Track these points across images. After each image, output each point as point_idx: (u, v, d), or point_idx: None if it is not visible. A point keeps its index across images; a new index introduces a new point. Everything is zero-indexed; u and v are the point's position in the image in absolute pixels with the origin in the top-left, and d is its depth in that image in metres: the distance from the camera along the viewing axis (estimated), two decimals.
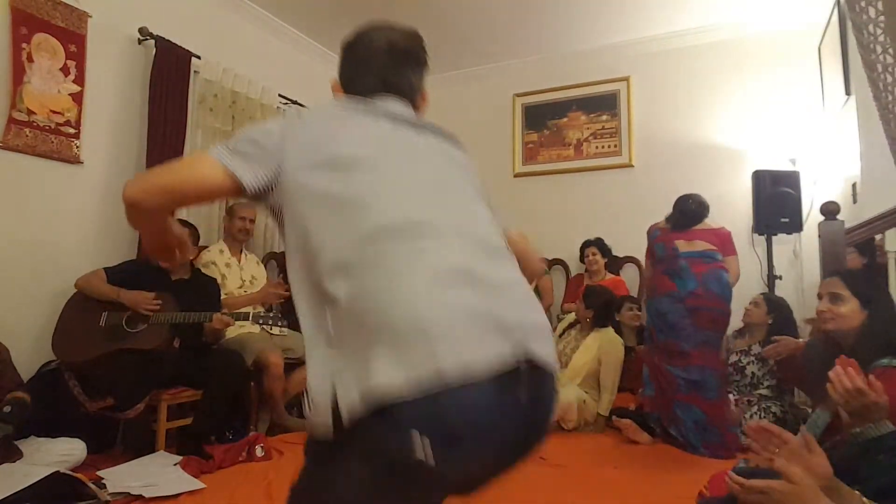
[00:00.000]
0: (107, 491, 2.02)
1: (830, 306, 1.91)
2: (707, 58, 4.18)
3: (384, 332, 0.74)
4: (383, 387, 0.70)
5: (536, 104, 4.82)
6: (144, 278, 2.74)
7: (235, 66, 3.63)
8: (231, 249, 3.29)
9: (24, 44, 2.66)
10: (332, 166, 0.87)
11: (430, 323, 0.74)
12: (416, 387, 0.70)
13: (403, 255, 0.80)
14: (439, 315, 0.75)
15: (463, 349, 0.73)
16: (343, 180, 0.86)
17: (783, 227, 3.59)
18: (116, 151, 3.11)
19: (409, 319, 0.74)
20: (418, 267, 0.79)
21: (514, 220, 4.33)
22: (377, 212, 0.83)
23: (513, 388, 0.76)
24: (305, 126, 0.94)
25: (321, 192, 0.86)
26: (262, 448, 2.61)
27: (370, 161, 0.89)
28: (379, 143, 0.94)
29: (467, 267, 0.81)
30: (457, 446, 0.73)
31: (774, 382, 2.99)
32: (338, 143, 0.90)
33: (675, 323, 2.80)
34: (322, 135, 0.92)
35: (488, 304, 0.79)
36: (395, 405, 0.70)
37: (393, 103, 1.04)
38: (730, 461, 2.55)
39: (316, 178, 0.87)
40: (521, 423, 0.79)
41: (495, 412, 0.75)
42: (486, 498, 2.28)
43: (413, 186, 0.90)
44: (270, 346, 3.04)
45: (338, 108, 1.02)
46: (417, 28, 1.18)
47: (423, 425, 0.71)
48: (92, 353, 2.52)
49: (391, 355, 0.72)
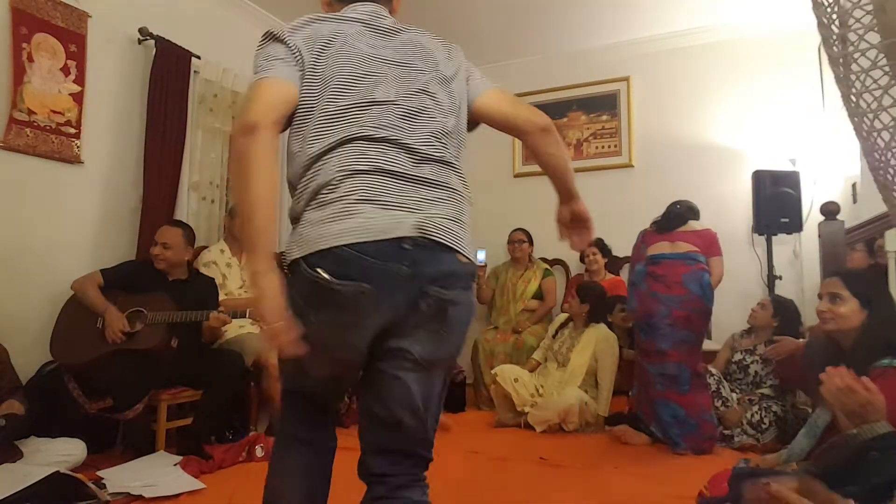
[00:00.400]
0: (107, 491, 2.02)
1: (830, 306, 1.91)
2: (707, 58, 4.18)
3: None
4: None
5: (536, 104, 4.79)
6: (142, 279, 2.74)
7: (235, 66, 3.63)
8: (232, 249, 3.29)
9: (24, 44, 2.66)
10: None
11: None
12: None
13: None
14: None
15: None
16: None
17: (783, 227, 3.59)
18: (117, 151, 3.11)
19: None
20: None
21: (515, 220, 4.35)
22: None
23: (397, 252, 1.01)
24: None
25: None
26: (262, 448, 2.61)
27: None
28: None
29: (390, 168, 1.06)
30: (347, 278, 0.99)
31: (777, 382, 2.99)
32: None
33: (654, 324, 2.85)
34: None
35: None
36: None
37: (373, 7, 1.19)
38: (720, 458, 2.56)
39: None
40: (401, 277, 1.01)
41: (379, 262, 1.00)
42: (487, 498, 2.28)
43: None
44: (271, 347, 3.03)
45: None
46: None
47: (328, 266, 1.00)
48: (89, 354, 2.51)
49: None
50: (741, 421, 2.88)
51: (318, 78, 1.09)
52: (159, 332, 2.59)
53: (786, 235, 3.70)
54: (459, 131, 1.21)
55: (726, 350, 3.24)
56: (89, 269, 2.73)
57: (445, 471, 1.99)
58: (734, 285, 3.52)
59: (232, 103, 3.60)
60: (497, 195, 4.86)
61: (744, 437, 2.86)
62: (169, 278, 2.80)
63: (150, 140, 3.15)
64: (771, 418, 2.86)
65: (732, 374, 3.13)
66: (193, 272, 2.94)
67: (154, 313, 2.59)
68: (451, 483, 2.32)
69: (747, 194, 3.77)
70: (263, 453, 2.60)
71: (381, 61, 1.12)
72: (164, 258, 2.75)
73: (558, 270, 4.48)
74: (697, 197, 3.86)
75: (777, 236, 3.71)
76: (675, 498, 2.10)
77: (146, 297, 2.65)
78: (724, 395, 2.98)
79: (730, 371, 3.14)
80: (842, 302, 1.89)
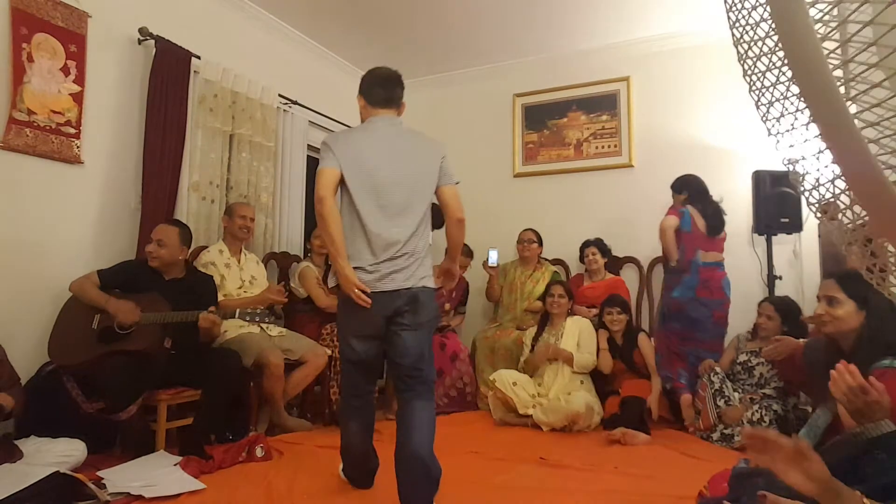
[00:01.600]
0: (107, 491, 2.03)
1: (828, 309, 1.91)
2: (707, 58, 4.18)
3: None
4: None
5: (536, 104, 4.83)
6: (139, 279, 2.74)
7: (235, 66, 3.63)
8: (230, 249, 3.29)
9: (24, 44, 2.66)
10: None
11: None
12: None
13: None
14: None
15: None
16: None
17: (783, 227, 3.59)
18: (116, 151, 3.11)
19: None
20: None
21: (515, 220, 4.38)
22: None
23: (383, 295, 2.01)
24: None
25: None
26: (262, 448, 2.61)
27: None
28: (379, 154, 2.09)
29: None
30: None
31: (781, 384, 2.99)
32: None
33: (695, 320, 3.33)
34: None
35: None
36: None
37: (386, 116, 2.15)
38: (720, 458, 2.56)
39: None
40: (385, 306, 2.00)
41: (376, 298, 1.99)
42: (487, 498, 2.29)
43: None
44: (270, 347, 3.03)
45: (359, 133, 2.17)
46: (418, 28, 1.26)
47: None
48: (84, 355, 2.51)
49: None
50: (741, 419, 2.89)
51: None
52: (151, 333, 2.58)
53: (786, 235, 3.71)
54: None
55: (731, 351, 3.24)
56: (88, 270, 2.73)
57: (446, 471, 1.99)
58: (734, 285, 3.51)
59: (232, 103, 3.60)
60: (497, 195, 4.87)
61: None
62: (165, 277, 2.80)
63: (150, 140, 3.14)
64: (771, 416, 2.87)
65: (737, 375, 3.13)
66: (191, 270, 2.94)
67: (146, 314, 2.59)
68: (451, 483, 2.32)
69: (747, 194, 3.78)
70: (263, 453, 2.61)
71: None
72: (158, 256, 2.74)
73: (558, 270, 4.49)
74: None
75: (777, 236, 3.71)
76: (675, 498, 2.11)
77: (139, 297, 2.65)
78: (726, 393, 2.98)
79: (735, 372, 3.15)
80: (839, 304, 1.89)
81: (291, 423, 3.13)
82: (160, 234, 2.77)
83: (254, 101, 3.74)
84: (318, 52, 4.53)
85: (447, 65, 4.94)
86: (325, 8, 3.94)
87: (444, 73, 5.10)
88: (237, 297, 3.20)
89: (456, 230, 2.15)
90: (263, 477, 2.36)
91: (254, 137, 3.73)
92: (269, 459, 2.60)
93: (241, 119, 3.65)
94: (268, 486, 2.24)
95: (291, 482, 2.29)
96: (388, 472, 1.98)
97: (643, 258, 4.25)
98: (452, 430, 3.26)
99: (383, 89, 2.12)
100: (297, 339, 3.31)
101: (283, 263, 3.91)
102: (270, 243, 3.90)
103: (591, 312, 3.87)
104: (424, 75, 5.10)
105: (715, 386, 3.00)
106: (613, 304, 3.51)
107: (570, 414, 3.14)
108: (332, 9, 3.94)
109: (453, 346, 3.91)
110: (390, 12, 3.98)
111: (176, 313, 2.60)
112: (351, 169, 2.01)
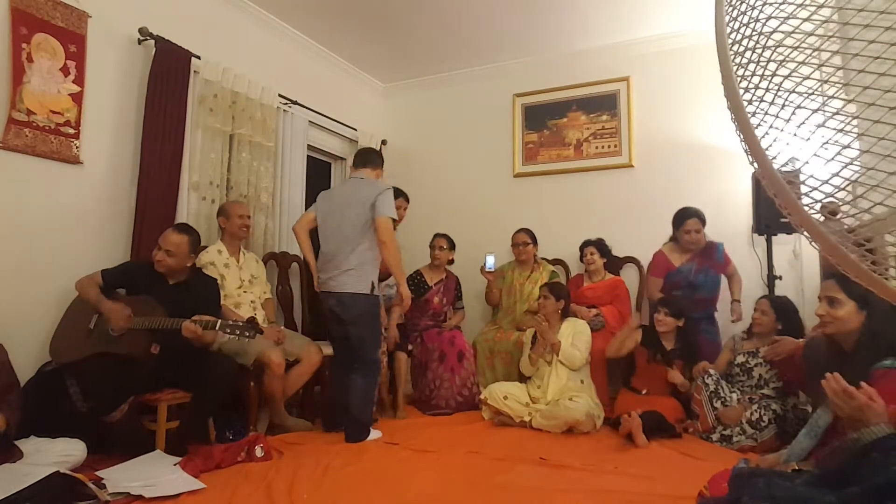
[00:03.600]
0: (107, 491, 2.02)
1: (829, 309, 1.91)
2: (707, 58, 4.13)
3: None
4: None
5: (536, 104, 4.83)
6: (141, 281, 2.73)
7: (235, 66, 3.63)
8: (229, 249, 3.29)
9: (24, 44, 2.66)
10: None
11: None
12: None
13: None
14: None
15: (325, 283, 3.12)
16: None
17: (783, 227, 3.58)
18: (116, 151, 3.11)
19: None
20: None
21: (515, 219, 4.41)
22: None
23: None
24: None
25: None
26: (261, 448, 2.61)
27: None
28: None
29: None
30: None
31: (780, 385, 2.99)
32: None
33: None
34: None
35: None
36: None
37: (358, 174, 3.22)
38: (720, 458, 2.55)
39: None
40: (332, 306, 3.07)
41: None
42: (487, 498, 2.29)
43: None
44: (271, 346, 3.03)
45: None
46: (418, 28, 1.27)
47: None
48: (76, 354, 2.51)
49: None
50: (740, 420, 2.88)
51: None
52: (138, 339, 2.57)
53: (786, 235, 3.70)
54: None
55: (726, 352, 3.22)
56: (88, 270, 2.73)
57: (446, 471, 1.99)
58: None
59: (232, 103, 3.60)
60: (497, 195, 4.87)
61: (742, 437, 2.87)
62: (169, 281, 2.79)
63: (150, 140, 3.14)
64: (770, 416, 2.86)
65: (736, 376, 3.11)
66: (195, 273, 2.93)
67: (137, 318, 2.58)
68: (451, 483, 2.32)
69: (747, 194, 3.77)
70: (263, 453, 2.60)
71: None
72: (166, 265, 2.74)
73: (558, 270, 4.48)
74: (697, 197, 3.88)
75: (777, 236, 3.71)
76: (675, 498, 2.10)
77: (134, 299, 2.64)
78: (722, 395, 2.97)
79: (733, 373, 3.13)
80: (839, 305, 1.89)
81: (291, 423, 3.12)
82: (169, 245, 2.74)
83: (254, 101, 3.74)
84: (318, 52, 4.53)
85: (447, 65, 4.94)
86: (325, 8, 3.94)
87: (444, 73, 5.09)
88: (237, 296, 3.20)
89: (383, 250, 3.01)
90: (263, 477, 2.35)
91: (254, 137, 3.73)
92: (269, 459, 2.60)
93: (241, 119, 3.65)
94: (268, 486, 2.24)
95: (291, 482, 2.29)
96: (387, 478, 1.97)
97: (643, 258, 4.25)
98: (452, 429, 3.26)
99: (359, 157, 3.28)
100: (292, 338, 3.31)
101: (282, 263, 3.91)
102: (270, 243, 3.90)
103: (591, 313, 3.87)
104: (424, 75, 5.10)
105: (710, 388, 2.99)
106: (665, 305, 3.42)
107: (568, 421, 3.14)
108: (332, 9, 3.94)
109: (460, 345, 3.88)
110: (390, 12, 3.98)
111: (164, 319, 2.57)
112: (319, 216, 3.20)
